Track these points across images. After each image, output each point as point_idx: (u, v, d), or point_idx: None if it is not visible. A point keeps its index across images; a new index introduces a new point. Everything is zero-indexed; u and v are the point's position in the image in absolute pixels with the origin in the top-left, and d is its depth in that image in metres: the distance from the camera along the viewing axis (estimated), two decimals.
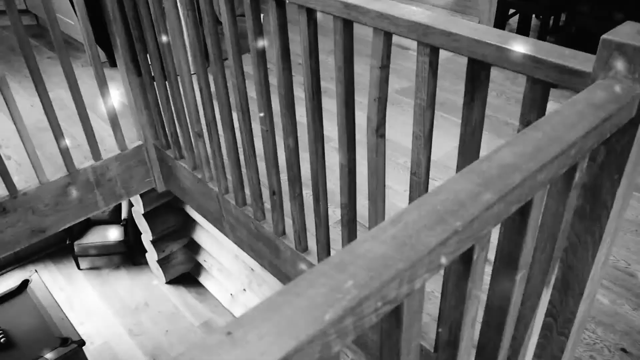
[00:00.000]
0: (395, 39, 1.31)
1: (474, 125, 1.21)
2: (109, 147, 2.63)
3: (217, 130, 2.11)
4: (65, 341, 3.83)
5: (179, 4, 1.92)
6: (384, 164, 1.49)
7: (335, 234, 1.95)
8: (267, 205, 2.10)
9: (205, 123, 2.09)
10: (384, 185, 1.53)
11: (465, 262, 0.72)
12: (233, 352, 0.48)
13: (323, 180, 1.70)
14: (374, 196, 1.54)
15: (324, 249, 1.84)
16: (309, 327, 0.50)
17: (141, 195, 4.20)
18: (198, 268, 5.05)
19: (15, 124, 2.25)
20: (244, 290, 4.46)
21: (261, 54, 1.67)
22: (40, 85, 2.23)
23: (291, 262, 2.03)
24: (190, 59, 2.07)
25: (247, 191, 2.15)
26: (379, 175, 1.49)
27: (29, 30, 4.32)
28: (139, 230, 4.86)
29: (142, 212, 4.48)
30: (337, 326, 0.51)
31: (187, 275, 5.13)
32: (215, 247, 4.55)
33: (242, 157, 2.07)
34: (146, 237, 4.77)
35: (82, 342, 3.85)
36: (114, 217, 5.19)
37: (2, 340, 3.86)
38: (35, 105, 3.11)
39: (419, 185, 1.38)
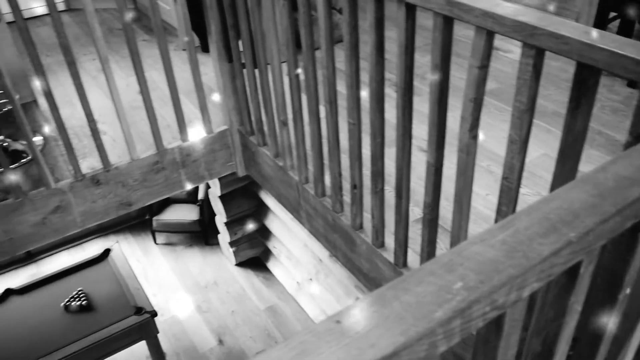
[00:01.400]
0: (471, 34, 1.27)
1: (577, 133, 1.16)
2: (196, 129, 2.73)
3: (302, 120, 2.14)
4: (139, 310, 4.02)
5: None
6: (474, 165, 1.46)
7: (413, 232, 1.93)
8: (346, 198, 2.11)
9: (292, 112, 2.12)
10: (471, 187, 1.50)
11: (571, 275, 0.69)
12: (342, 341, 0.49)
13: (407, 177, 1.69)
14: (460, 197, 1.51)
15: (402, 247, 1.83)
16: (417, 325, 0.50)
17: (219, 178, 4.33)
18: (267, 254, 5.15)
19: (113, 102, 2.37)
20: (310, 280, 4.51)
21: (354, 47, 1.67)
22: (139, 66, 2.34)
23: (366, 257, 2.03)
24: (280, 47, 2.10)
25: (327, 182, 2.17)
26: (468, 176, 1.46)
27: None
28: (213, 211, 5.03)
29: (219, 194, 4.62)
30: (446, 327, 0.51)
31: (256, 260, 5.25)
32: (286, 234, 4.62)
33: (325, 149, 2.08)
34: (220, 218, 4.93)
35: (154, 313, 4.02)
36: (191, 197, 5.38)
37: (83, 302, 4.11)
38: (130, 85, 3.27)
39: (509, 190, 1.34)
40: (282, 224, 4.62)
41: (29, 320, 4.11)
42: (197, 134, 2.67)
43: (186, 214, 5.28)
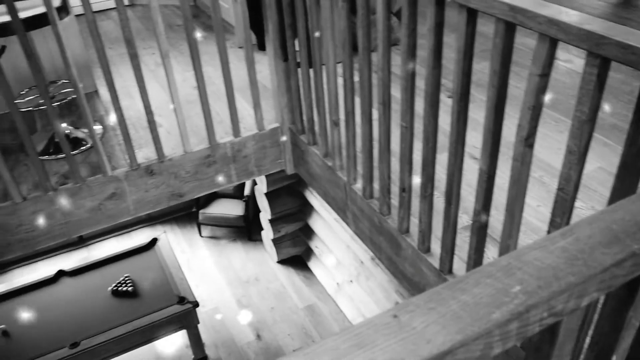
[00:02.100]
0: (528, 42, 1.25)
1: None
2: (247, 125, 2.78)
3: (354, 121, 2.15)
4: (182, 300, 4.12)
5: None
6: (528, 174, 1.44)
7: (460, 239, 1.91)
8: (394, 201, 2.11)
9: (344, 113, 2.14)
10: (524, 197, 1.48)
11: (631, 288, 0.68)
12: (399, 335, 0.50)
13: (458, 183, 1.67)
14: (512, 206, 1.49)
15: (448, 253, 1.82)
16: (474, 324, 0.50)
17: (266, 176, 4.39)
18: (308, 253, 5.19)
19: (171, 95, 2.44)
20: (351, 281, 4.51)
21: (411, 50, 1.67)
22: (197, 62, 2.40)
23: (411, 261, 2.02)
24: (336, 48, 2.12)
25: (375, 185, 2.17)
26: (521, 185, 1.44)
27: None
28: (258, 208, 5.10)
29: (265, 191, 4.68)
30: (502, 329, 0.51)
31: (298, 258, 5.29)
32: (329, 235, 4.64)
33: (375, 151, 2.09)
34: (264, 215, 4.99)
35: (196, 304, 4.11)
36: (237, 193, 5.47)
37: (129, 288, 4.24)
38: (187, 80, 3.36)
39: (564, 202, 1.31)
40: (326, 225, 4.64)
41: (78, 301, 4.27)
42: (248, 130, 2.72)
43: (232, 208, 5.37)
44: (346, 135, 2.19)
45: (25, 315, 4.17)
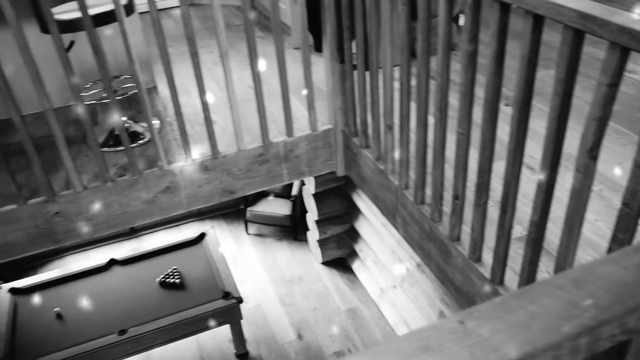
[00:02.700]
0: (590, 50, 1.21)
1: None
2: (300, 126, 2.80)
3: (408, 126, 2.14)
4: (226, 295, 4.18)
5: None
6: (590, 187, 1.40)
7: (512, 251, 1.87)
8: (445, 208, 2.08)
9: (399, 117, 2.13)
10: (585, 210, 1.43)
11: None
12: (465, 341, 0.49)
13: (515, 192, 1.64)
14: (571, 220, 1.44)
15: (500, 264, 1.78)
16: (543, 336, 0.49)
17: (315, 177, 4.42)
18: (353, 256, 5.18)
19: (228, 94, 2.49)
20: (395, 287, 4.48)
21: (472, 56, 1.64)
22: (255, 61, 2.44)
23: (461, 270, 1.99)
24: (393, 52, 2.12)
25: (427, 190, 2.15)
26: (583, 198, 1.40)
27: (242, 11, 4.74)
28: (305, 208, 5.13)
29: (313, 192, 4.71)
30: (572, 342, 0.50)
31: (342, 260, 5.29)
32: (375, 239, 4.62)
33: (428, 157, 2.07)
34: (311, 216, 5.01)
35: (240, 300, 4.17)
36: (285, 192, 5.52)
37: (177, 280, 4.34)
38: (242, 79, 3.42)
39: (629, 217, 1.27)
40: (372, 228, 4.63)
41: (127, 289, 4.40)
42: (301, 130, 2.74)
43: (279, 208, 5.43)
44: (400, 140, 2.18)
45: (78, 300, 4.33)
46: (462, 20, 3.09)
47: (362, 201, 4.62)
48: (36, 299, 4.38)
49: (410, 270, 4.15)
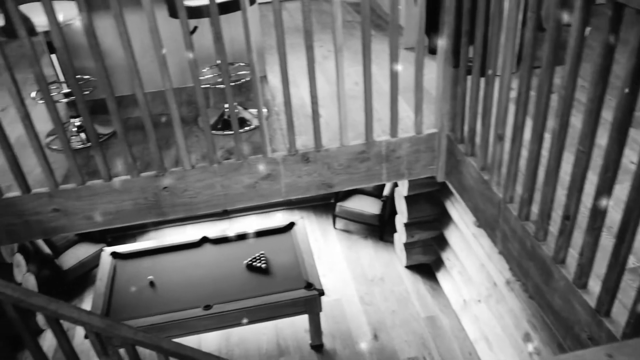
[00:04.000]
0: None
1: None
2: (405, 127, 2.77)
3: (521, 138, 2.05)
4: (309, 286, 4.24)
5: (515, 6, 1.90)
6: None
7: (623, 282, 1.75)
8: (552, 228, 1.99)
9: (512, 128, 2.05)
10: None
11: None
12: None
13: (636, 220, 1.53)
14: None
15: (609, 294, 1.67)
16: None
17: (409, 179, 4.37)
18: (438, 263, 5.08)
19: (338, 89, 2.51)
20: (479, 301, 4.34)
21: (605, 70, 1.55)
22: (367, 59, 2.44)
23: (562, 294, 1.89)
24: (512, 60, 2.04)
25: (534, 207, 2.06)
26: None
27: (355, 7, 4.75)
28: (395, 209, 5.09)
29: (405, 194, 4.66)
30: None
31: (426, 267, 5.21)
32: (464, 249, 4.50)
33: (540, 172, 1.98)
34: (400, 218, 4.97)
35: (322, 292, 4.21)
36: (376, 191, 5.50)
37: (263, 265, 4.46)
38: (349, 75, 3.43)
39: None
40: (462, 238, 4.51)
41: (216, 267, 4.58)
42: (405, 131, 2.71)
43: (368, 206, 5.42)
44: (510, 152, 2.10)
45: (170, 271, 4.57)
46: (587, 32, 2.92)
47: (454, 209, 4.52)
48: (133, 265, 4.67)
49: (498, 285, 4.01)
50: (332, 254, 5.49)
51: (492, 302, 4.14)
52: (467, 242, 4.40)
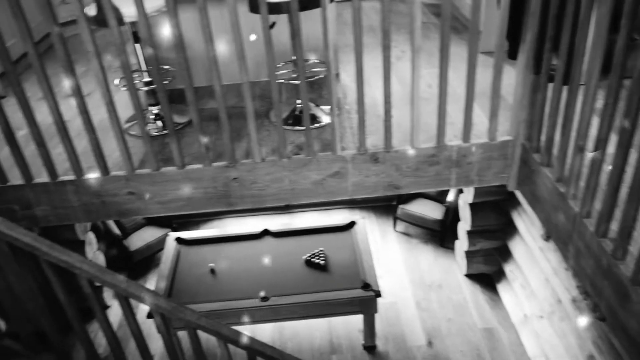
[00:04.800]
0: None
1: None
2: (478, 133, 2.71)
3: (604, 151, 1.96)
4: (366, 286, 4.23)
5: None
6: None
7: None
8: (632, 248, 1.89)
9: (595, 140, 1.96)
10: None
11: None
12: None
13: None
14: None
15: None
16: None
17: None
18: (500, 274, 4.94)
19: (412, 90, 2.49)
20: (541, 317, 4.20)
21: None
22: (444, 62, 2.40)
23: (639, 318, 1.80)
24: (597, 68, 1.95)
25: (613, 224, 1.97)
26: None
27: (430, 8, 4.69)
28: (458, 216, 4.99)
29: (470, 201, 4.57)
30: None
31: (486, 277, 5.08)
32: (528, 262, 4.36)
33: (623, 188, 1.89)
34: (463, 225, 4.87)
35: (378, 293, 4.19)
36: (439, 196, 5.42)
37: (322, 262, 4.48)
38: (421, 77, 3.38)
39: None
40: (527, 251, 4.37)
41: (275, 260, 4.65)
42: (477, 137, 2.65)
43: (431, 210, 5.35)
44: (591, 164, 2.01)
45: (230, 260, 4.67)
46: None
47: (521, 220, 4.38)
48: (196, 251, 4.80)
49: (563, 303, 3.86)
50: (390, 256, 5.45)
51: (555, 319, 3.99)
52: (532, 255, 4.26)
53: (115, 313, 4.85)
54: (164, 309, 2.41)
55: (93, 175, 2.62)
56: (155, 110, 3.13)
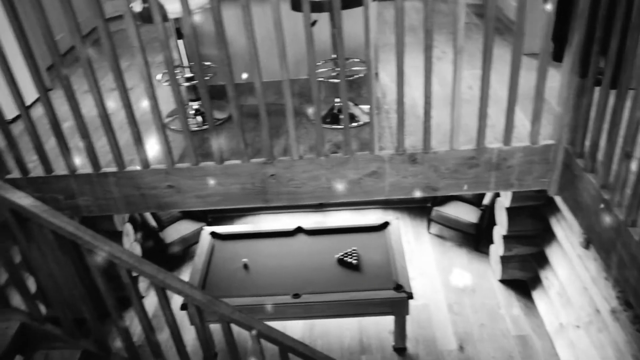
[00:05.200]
0: None
1: None
2: (519, 136, 2.66)
3: None
4: (398, 287, 4.20)
5: None
6: None
7: None
8: None
9: None
10: None
11: None
12: None
13: None
14: None
15: None
16: None
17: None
18: (535, 281, 4.85)
19: (453, 91, 2.46)
20: (578, 327, 4.09)
21: None
22: (487, 63, 2.36)
23: None
24: None
25: None
26: None
27: (472, 8, 4.62)
28: (494, 220, 4.91)
29: (507, 205, 4.49)
30: None
31: (521, 283, 4.99)
32: (566, 270, 4.26)
33: None
34: (499, 230, 4.79)
35: (410, 295, 4.16)
36: (475, 199, 5.34)
37: (354, 261, 4.48)
38: (462, 79, 3.34)
39: None
40: (565, 258, 4.27)
41: (307, 258, 4.66)
42: (519, 140, 2.61)
43: (466, 213, 5.28)
44: (638, 172, 1.95)
45: (263, 256, 4.71)
46: None
47: (560, 227, 4.29)
48: (230, 246, 4.86)
49: (602, 313, 3.76)
50: (423, 258, 5.41)
51: (592, 329, 3.88)
52: (570, 262, 4.16)
53: (148, 303, 4.96)
54: (199, 302, 2.44)
55: (134, 168, 2.67)
56: (195, 105, 3.18)
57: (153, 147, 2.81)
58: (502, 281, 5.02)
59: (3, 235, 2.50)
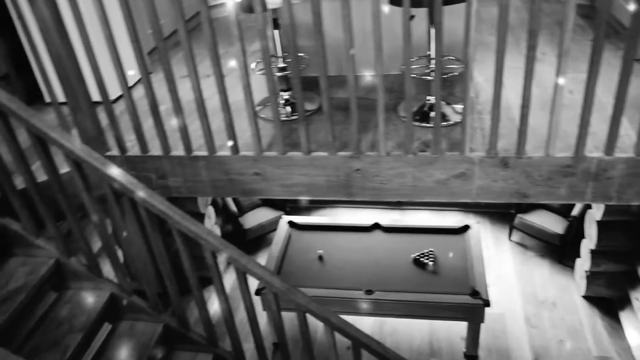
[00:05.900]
0: None
1: None
2: (622, 146, 2.51)
3: None
4: (475, 293, 4.09)
5: None
6: None
7: None
8: None
9: None
10: None
11: None
12: None
13: None
14: None
15: None
16: None
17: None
18: (624, 301, 4.56)
19: (554, 95, 2.34)
20: None
21: None
22: (595, 68, 2.23)
23: None
24: None
25: None
26: None
27: (578, 9, 4.38)
28: (582, 233, 4.67)
29: (598, 218, 4.25)
30: None
31: (607, 301, 4.71)
32: None
33: None
34: (587, 243, 4.55)
35: (487, 303, 4.03)
36: (562, 209, 5.10)
37: (431, 262, 4.40)
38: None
39: None
40: None
41: (382, 255, 4.62)
42: (622, 151, 2.45)
43: (552, 223, 5.05)
44: None
45: (339, 249, 4.72)
46: None
47: None
48: (306, 236, 4.91)
49: None
50: (502, 265, 5.23)
51: None
52: None
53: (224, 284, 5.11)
54: (278, 289, 2.49)
55: (224, 153, 2.75)
56: (285, 95, 3.22)
57: (243, 134, 2.88)
58: (586, 297, 4.77)
59: (99, 207, 2.65)
